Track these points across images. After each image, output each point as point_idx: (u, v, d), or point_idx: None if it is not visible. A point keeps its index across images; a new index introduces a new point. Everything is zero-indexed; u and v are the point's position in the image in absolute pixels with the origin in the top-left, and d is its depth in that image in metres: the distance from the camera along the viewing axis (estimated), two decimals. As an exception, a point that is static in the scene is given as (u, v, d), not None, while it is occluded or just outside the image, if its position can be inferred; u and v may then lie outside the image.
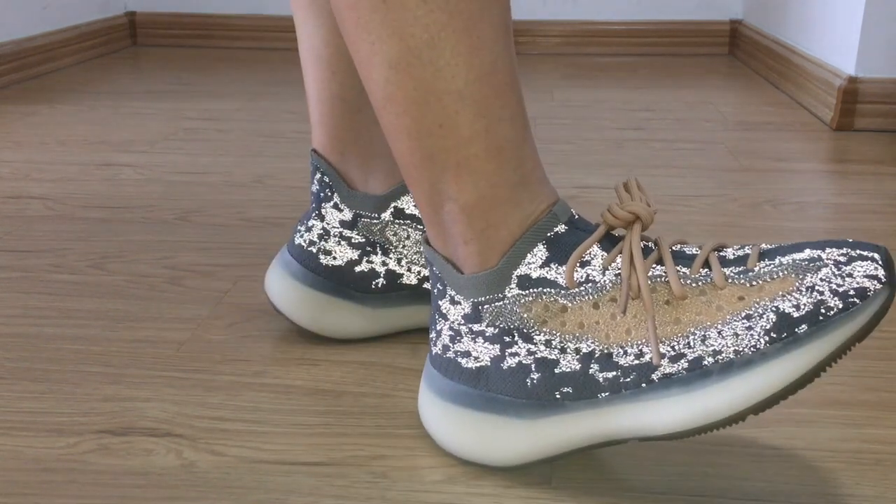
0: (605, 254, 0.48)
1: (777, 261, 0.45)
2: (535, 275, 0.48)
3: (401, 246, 0.64)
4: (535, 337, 0.48)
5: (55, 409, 0.58)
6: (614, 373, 0.46)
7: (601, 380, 0.47)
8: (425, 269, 0.64)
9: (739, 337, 0.44)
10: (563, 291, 0.47)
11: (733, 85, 1.67)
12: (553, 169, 1.12)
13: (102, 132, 1.30)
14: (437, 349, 0.52)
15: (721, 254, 0.47)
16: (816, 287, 0.43)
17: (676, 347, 0.45)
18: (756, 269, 0.45)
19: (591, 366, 0.47)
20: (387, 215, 0.63)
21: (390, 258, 0.64)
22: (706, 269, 0.46)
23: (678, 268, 0.47)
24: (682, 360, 0.45)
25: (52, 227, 0.91)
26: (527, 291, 0.48)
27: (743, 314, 0.44)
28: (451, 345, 0.51)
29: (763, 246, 0.47)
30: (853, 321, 0.43)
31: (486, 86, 0.46)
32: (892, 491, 0.50)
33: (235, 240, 0.87)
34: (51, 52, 1.76)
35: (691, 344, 0.45)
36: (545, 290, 0.47)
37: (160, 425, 0.56)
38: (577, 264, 0.47)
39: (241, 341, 0.67)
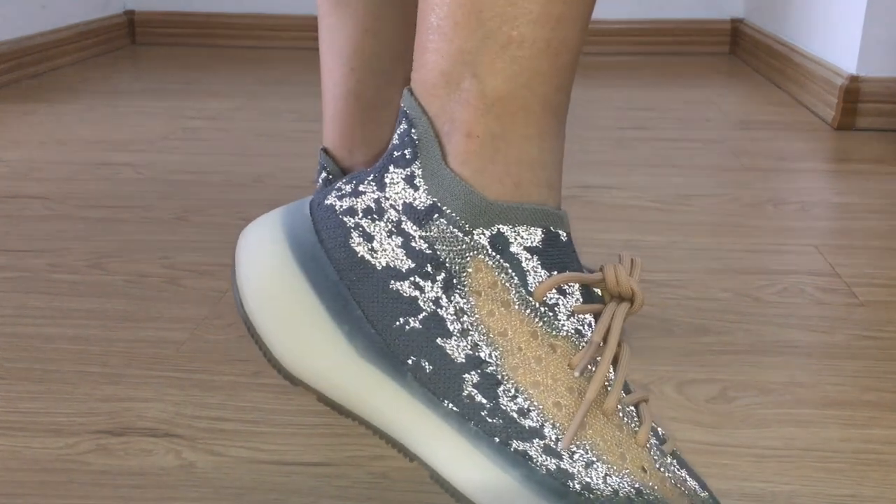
0: (581, 300, 0.41)
1: (684, 474, 0.41)
2: (514, 249, 0.40)
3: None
4: (454, 297, 0.40)
5: (54, 410, 0.57)
6: (487, 402, 0.40)
7: (465, 394, 0.40)
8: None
9: (619, 497, 0.39)
10: (522, 291, 0.40)
11: (734, 84, 1.67)
12: (553, 168, 1.12)
13: (101, 131, 1.30)
14: (337, 202, 0.43)
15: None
16: None
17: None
18: (668, 459, 0.41)
19: (472, 373, 0.40)
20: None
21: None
22: (633, 410, 0.41)
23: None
24: (554, 459, 0.39)
25: (50, 227, 0.90)
26: (492, 255, 0.40)
27: (638, 484, 0.39)
28: (360, 214, 0.42)
29: (676, 446, 0.43)
30: None
31: None
32: (892, 491, 0.50)
33: (235, 240, 0.87)
34: (49, 52, 1.76)
35: (574, 457, 0.39)
36: (508, 272, 0.40)
37: (159, 425, 0.56)
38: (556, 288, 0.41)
39: (240, 341, 0.67)
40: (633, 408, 0.41)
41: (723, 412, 0.57)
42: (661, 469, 0.40)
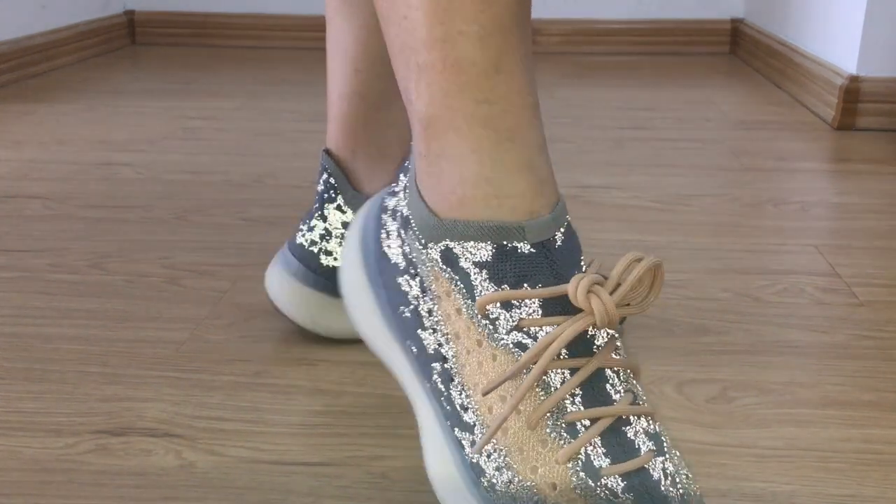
0: (539, 312, 0.41)
1: (622, 500, 0.39)
2: (463, 264, 0.42)
3: (401, 246, 0.64)
4: (426, 297, 0.45)
5: (53, 410, 0.57)
6: (444, 391, 0.44)
7: (433, 380, 0.44)
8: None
9: None
10: (469, 302, 0.42)
11: (734, 84, 1.67)
12: (553, 168, 1.11)
13: (101, 131, 1.30)
14: (386, 199, 0.50)
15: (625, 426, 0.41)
16: None
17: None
18: (602, 481, 0.40)
19: (437, 364, 0.44)
20: (387, 216, 0.63)
21: (390, 258, 0.64)
22: (584, 425, 0.40)
23: (572, 393, 0.41)
24: (476, 454, 0.42)
25: (50, 227, 0.90)
26: (443, 268, 0.43)
27: (537, 498, 0.40)
28: (389, 212, 0.48)
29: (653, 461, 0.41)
30: None
31: None
32: (893, 491, 0.50)
33: (235, 240, 0.87)
34: (49, 52, 1.76)
35: (490, 458, 0.42)
36: (458, 284, 0.43)
37: (159, 426, 0.56)
38: (500, 302, 0.42)
39: (240, 341, 0.67)
40: (582, 423, 0.41)
41: (723, 412, 0.57)
42: (579, 491, 0.40)
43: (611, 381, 0.42)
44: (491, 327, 0.42)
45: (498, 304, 0.42)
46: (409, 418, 0.57)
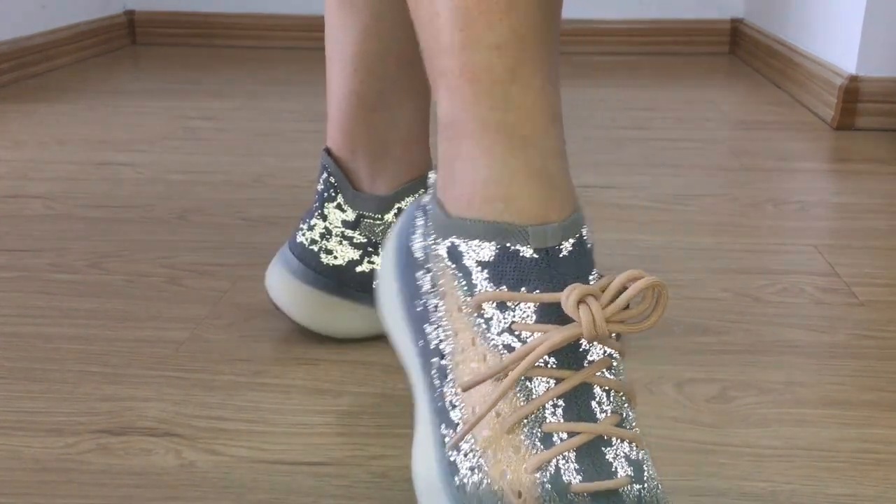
0: (534, 318, 0.41)
1: None
2: (466, 261, 0.44)
3: (401, 246, 0.64)
4: (434, 293, 0.46)
5: (54, 409, 0.58)
6: (438, 387, 0.44)
7: (432, 373, 0.45)
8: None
9: None
10: (469, 300, 0.43)
11: (734, 84, 1.67)
12: (553, 168, 1.12)
13: (101, 131, 1.30)
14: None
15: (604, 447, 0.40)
16: None
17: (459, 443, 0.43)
18: (568, 497, 0.39)
19: (436, 359, 0.45)
20: (390, 216, 0.63)
21: (390, 258, 0.64)
22: (560, 437, 0.40)
23: (554, 404, 0.41)
24: (454, 452, 0.42)
25: (50, 227, 0.90)
26: (449, 264, 0.44)
27: (500, 502, 0.40)
28: (420, 214, 0.50)
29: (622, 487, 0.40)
30: None
31: None
32: (892, 491, 0.50)
33: (235, 239, 0.87)
34: (50, 52, 1.76)
35: (466, 457, 0.42)
36: (461, 280, 0.44)
37: (159, 425, 0.56)
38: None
39: (240, 341, 0.67)
40: (559, 436, 0.40)
41: (723, 412, 0.57)
42: (543, 502, 0.40)
43: (598, 400, 0.41)
44: (485, 326, 0.42)
45: (493, 304, 0.42)
46: (409, 418, 0.57)
